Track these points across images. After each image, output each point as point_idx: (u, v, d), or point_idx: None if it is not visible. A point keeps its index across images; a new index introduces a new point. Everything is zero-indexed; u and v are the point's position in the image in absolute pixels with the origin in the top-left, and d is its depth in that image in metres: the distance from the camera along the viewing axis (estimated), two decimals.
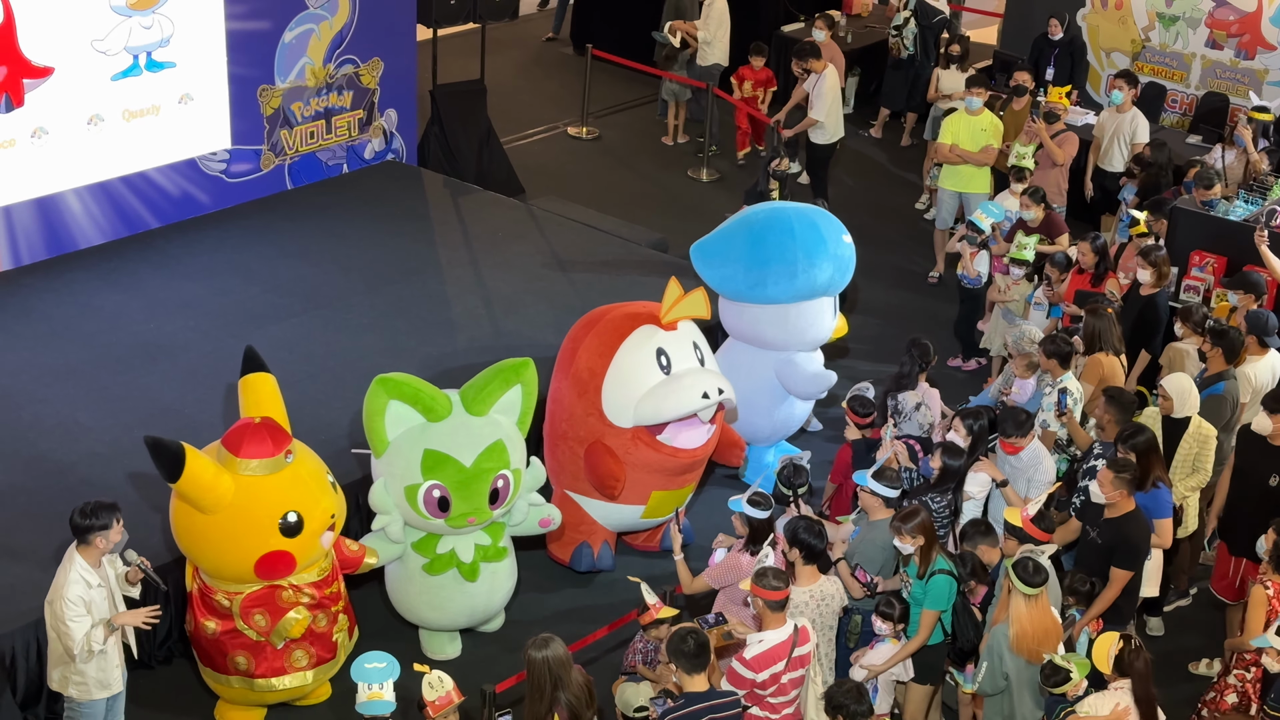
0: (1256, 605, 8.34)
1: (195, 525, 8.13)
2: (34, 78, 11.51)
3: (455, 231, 13.47)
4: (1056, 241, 12.51)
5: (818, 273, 10.53)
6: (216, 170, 13.15)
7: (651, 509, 9.93)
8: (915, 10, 16.99)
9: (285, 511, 8.07)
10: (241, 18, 12.81)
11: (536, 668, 7.22)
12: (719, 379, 9.71)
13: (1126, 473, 8.58)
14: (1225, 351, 10.10)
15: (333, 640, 8.56)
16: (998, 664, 7.85)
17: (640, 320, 9.75)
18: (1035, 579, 7.74)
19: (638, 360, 9.60)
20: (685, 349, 9.73)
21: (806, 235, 10.55)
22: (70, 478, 9.56)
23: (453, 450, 8.62)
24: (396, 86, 14.41)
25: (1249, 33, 16.47)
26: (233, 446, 8.10)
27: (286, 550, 8.11)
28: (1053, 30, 16.03)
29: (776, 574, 7.74)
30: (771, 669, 7.68)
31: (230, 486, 8.01)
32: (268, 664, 8.40)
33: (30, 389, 10.54)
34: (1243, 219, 11.85)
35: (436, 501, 8.65)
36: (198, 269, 12.28)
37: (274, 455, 8.10)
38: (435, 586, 9.02)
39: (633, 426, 9.58)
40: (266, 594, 8.26)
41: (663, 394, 9.51)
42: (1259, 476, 9.28)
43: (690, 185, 16.48)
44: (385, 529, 8.82)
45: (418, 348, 11.39)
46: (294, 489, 8.16)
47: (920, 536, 8.23)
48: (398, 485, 8.70)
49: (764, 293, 10.61)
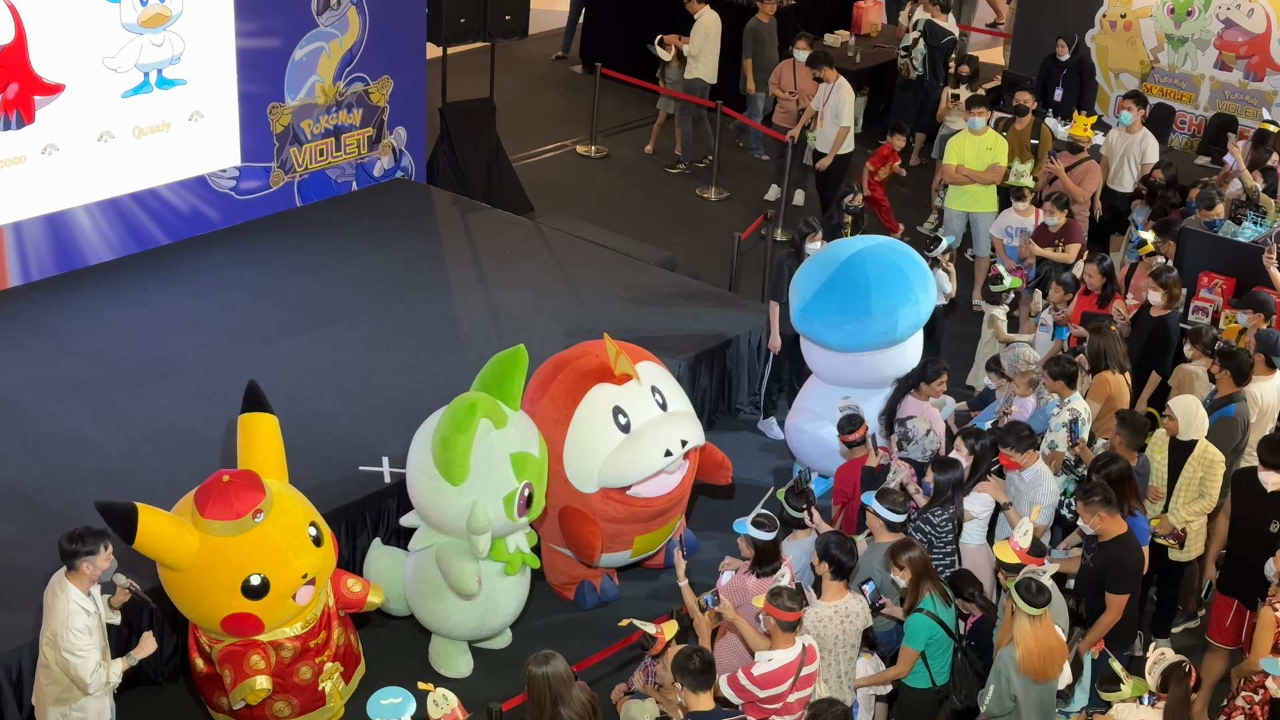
0: (1265, 627, 8.31)
1: (167, 577, 8.13)
2: (45, 94, 11.55)
3: (464, 249, 13.49)
4: (1067, 250, 12.60)
5: (914, 312, 10.45)
6: (226, 187, 13.19)
7: (639, 549, 9.87)
8: (924, 31, 17.02)
9: (248, 574, 7.93)
10: (252, 35, 12.85)
11: (537, 684, 7.22)
12: (683, 426, 9.49)
13: (1095, 495, 8.57)
14: (1234, 373, 10.08)
15: (319, 690, 8.47)
16: (1005, 686, 7.83)
17: (592, 379, 9.44)
18: (1038, 599, 7.72)
19: (594, 424, 9.34)
20: (643, 400, 9.45)
21: (915, 270, 10.52)
22: (78, 493, 9.56)
23: (527, 446, 8.79)
24: (406, 104, 14.45)
25: (1258, 54, 16.49)
26: (200, 504, 7.99)
27: (250, 612, 8.00)
28: (1060, 51, 16.05)
29: (791, 594, 7.71)
30: (776, 689, 7.66)
31: (193, 544, 7.90)
32: (249, 711, 8.35)
33: (39, 404, 10.56)
34: (1251, 240, 11.85)
35: (527, 500, 8.76)
36: (207, 285, 12.31)
37: (239, 517, 7.93)
38: (508, 585, 9.13)
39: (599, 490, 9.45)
40: (239, 650, 8.17)
41: (623, 458, 9.31)
42: (1259, 523, 9.08)
43: (699, 204, 16.49)
44: (483, 549, 8.73)
45: (426, 365, 11.40)
46: (260, 551, 7.99)
47: (908, 570, 8.19)
48: (495, 500, 8.66)
49: (874, 340, 10.41)
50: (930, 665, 8.25)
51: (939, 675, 8.29)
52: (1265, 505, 9.04)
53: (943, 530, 8.89)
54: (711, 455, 10.09)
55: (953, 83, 15.98)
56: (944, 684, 8.32)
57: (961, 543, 9.21)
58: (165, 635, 9.05)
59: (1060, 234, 12.66)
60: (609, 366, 9.41)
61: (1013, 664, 7.81)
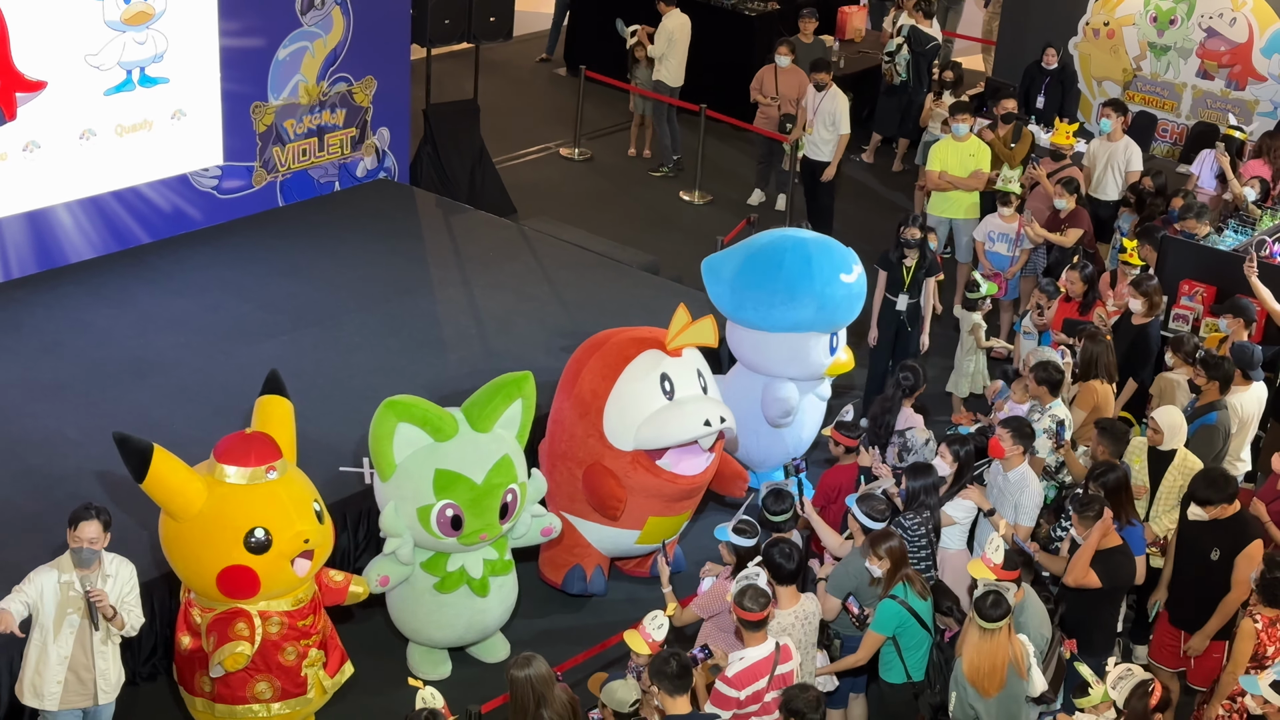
0: (1245, 638, 8.30)
1: (169, 530, 8.15)
2: (26, 91, 11.51)
3: (447, 251, 13.47)
4: (1068, 234, 12.75)
5: (797, 309, 10.47)
6: (208, 186, 13.15)
7: (647, 535, 9.91)
8: (908, 37, 17.05)
9: (253, 526, 7.97)
10: (236, 34, 12.82)
11: (519, 686, 7.23)
12: (721, 407, 9.70)
13: (1090, 510, 8.61)
14: (1221, 383, 10.13)
15: (301, 675, 8.42)
16: (964, 694, 7.85)
17: (645, 345, 9.74)
18: (992, 613, 7.71)
19: (641, 384, 9.59)
20: (689, 376, 9.73)
21: (795, 269, 10.51)
22: (57, 492, 9.52)
23: (463, 468, 8.65)
24: (390, 105, 14.43)
25: (1240, 64, 16.56)
26: (218, 451, 8.11)
27: (249, 567, 7.99)
28: (1048, 60, 16.09)
29: (755, 595, 7.70)
30: (753, 686, 7.66)
31: (200, 493, 7.96)
32: (230, 691, 8.30)
33: (19, 403, 10.52)
34: (1232, 249, 11.89)
35: (450, 520, 8.65)
36: (188, 285, 12.27)
37: (254, 467, 8.03)
38: (445, 604, 9.02)
39: (633, 450, 9.57)
40: (226, 618, 8.15)
41: (664, 419, 9.51)
42: (1200, 550, 8.95)
43: (683, 207, 16.51)
44: (396, 552, 8.77)
45: (408, 367, 11.38)
46: (267, 505, 8.06)
47: (887, 560, 8.21)
48: (409, 508, 8.68)
49: (743, 316, 10.65)
50: (905, 659, 8.25)
51: (914, 670, 8.28)
52: (1206, 533, 8.92)
53: (915, 534, 8.87)
54: (730, 464, 10.27)
55: (936, 89, 16.01)
56: (920, 680, 8.31)
57: (941, 547, 9.22)
58: (144, 635, 9.02)
59: (1066, 219, 12.83)
60: (662, 339, 9.67)
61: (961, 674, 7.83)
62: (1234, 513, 8.88)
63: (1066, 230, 12.97)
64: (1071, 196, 12.96)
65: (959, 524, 9.29)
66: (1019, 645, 7.88)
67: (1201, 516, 8.88)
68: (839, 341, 10.93)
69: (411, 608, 9.12)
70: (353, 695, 8.93)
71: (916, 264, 11.99)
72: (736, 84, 16.81)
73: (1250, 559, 8.75)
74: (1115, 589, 8.73)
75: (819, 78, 14.88)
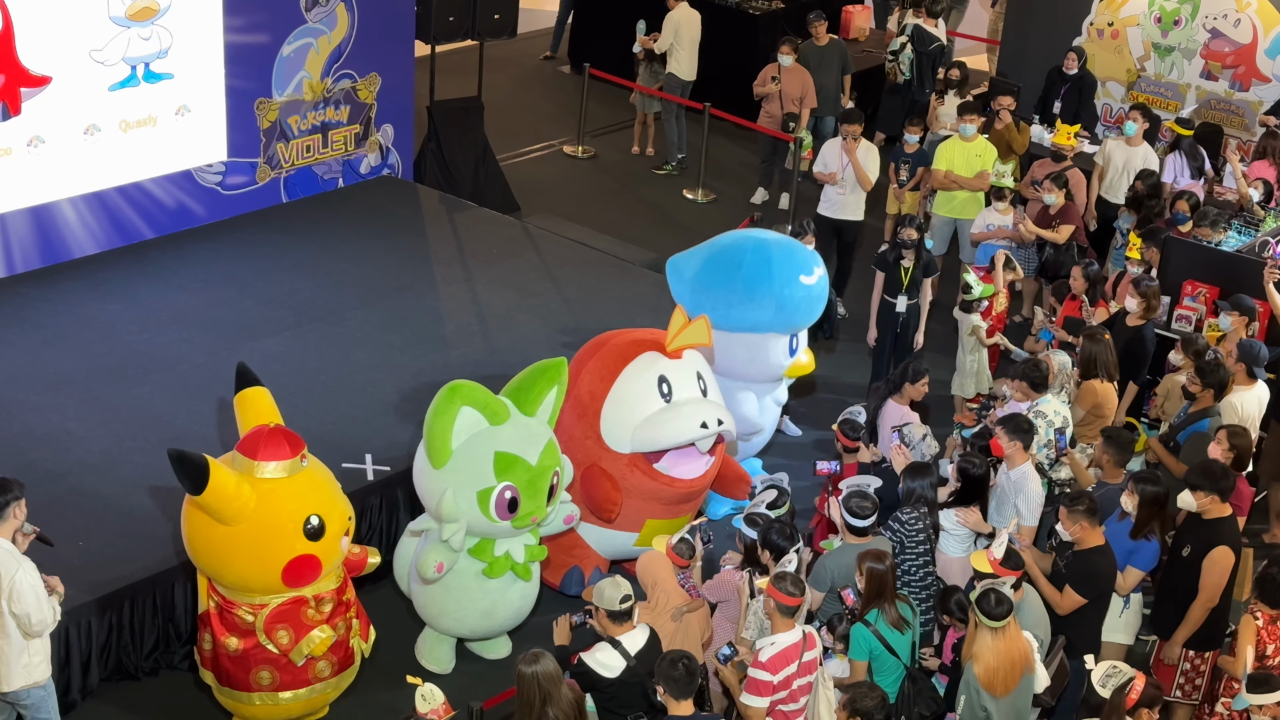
0: (1246, 634, 8.32)
1: (216, 539, 8.07)
2: (31, 86, 11.52)
3: (450, 248, 13.48)
4: (1060, 230, 12.75)
5: (756, 309, 10.42)
6: (212, 182, 13.16)
7: (645, 537, 9.85)
8: (912, 36, 17.05)
9: (308, 514, 8.06)
10: (240, 30, 12.83)
11: (526, 683, 7.23)
12: (720, 410, 9.67)
13: (1080, 504, 8.59)
14: (1216, 390, 10.12)
15: (349, 646, 8.56)
16: (975, 697, 7.84)
17: (645, 347, 9.74)
18: (997, 611, 7.71)
19: (639, 386, 9.59)
20: (688, 378, 9.71)
21: (754, 269, 10.44)
22: (60, 486, 9.54)
23: (520, 450, 8.72)
24: (394, 102, 14.43)
25: (1244, 65, 16.55)
26: (249, 452, 8.11)
27: (312, 554, 8.09)
28: (1068, 65, 16.02)
29: (795, 580, 7.80)
30: (785, 671, 7.72)
31: (252, 495, 7.99)
32: (293, 676, 8.35)
33: (22, 397, 10.53)
34: (1236, 249, 11.90)
35: (508, 503, 8.71)
36: (192, 281, 12.28)
37: (291, 458, 8.12)
38: (492, 591, 9.06)
39: (630, 453, 9.56)
40: (290, 609, 8.21)
41: (661, 421, 9.49)
42: (1175, 546, 8.97)
43: (686, 205, 16.51)
44: (450, 538, 8.75)
45: (410, 363, 11.39)
46: (314, 492, 8.18)
47: (864, 579, 8.16)
48: (469, 491, 8.68)
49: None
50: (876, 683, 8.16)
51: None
52: (1185, 528, 8.91)
53: (912, 529, 8.88)
54: (732, 467, 10.24)
55: (940, 88, 16.01)
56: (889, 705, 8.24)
57: (940, 550, 9.22)
58: (146, 630, 9.05)
59: (1058, 215, 12.82)
60: (661, 342, 9.65)
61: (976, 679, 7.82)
62: (1220, 514, 8.78)
63: (1059, 227, 12.98)
64: (1061, 192, 12.94)
65: (951, 534, 9.27)
66: (1025, 641, 7.89)
67: (1190, 505, 8.79)
68: (799, 343, 10.85)
69: (456, 596, 9.08)
70: (359, 691, 8.94)
71: (914, 265, 11.97)
72: (740, 83, 16.81)
73: (1215, 564, 8.65)
74: (1100, 594, 8.70)
75: (850, 129, 13.53)
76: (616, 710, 7.71)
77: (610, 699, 7.69)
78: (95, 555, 9.01)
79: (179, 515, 9.35)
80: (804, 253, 10.74)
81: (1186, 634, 8.83)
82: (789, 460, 11.61)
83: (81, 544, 9.09)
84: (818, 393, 12.90)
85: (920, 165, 14.50)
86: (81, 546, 9.07)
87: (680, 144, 17.20)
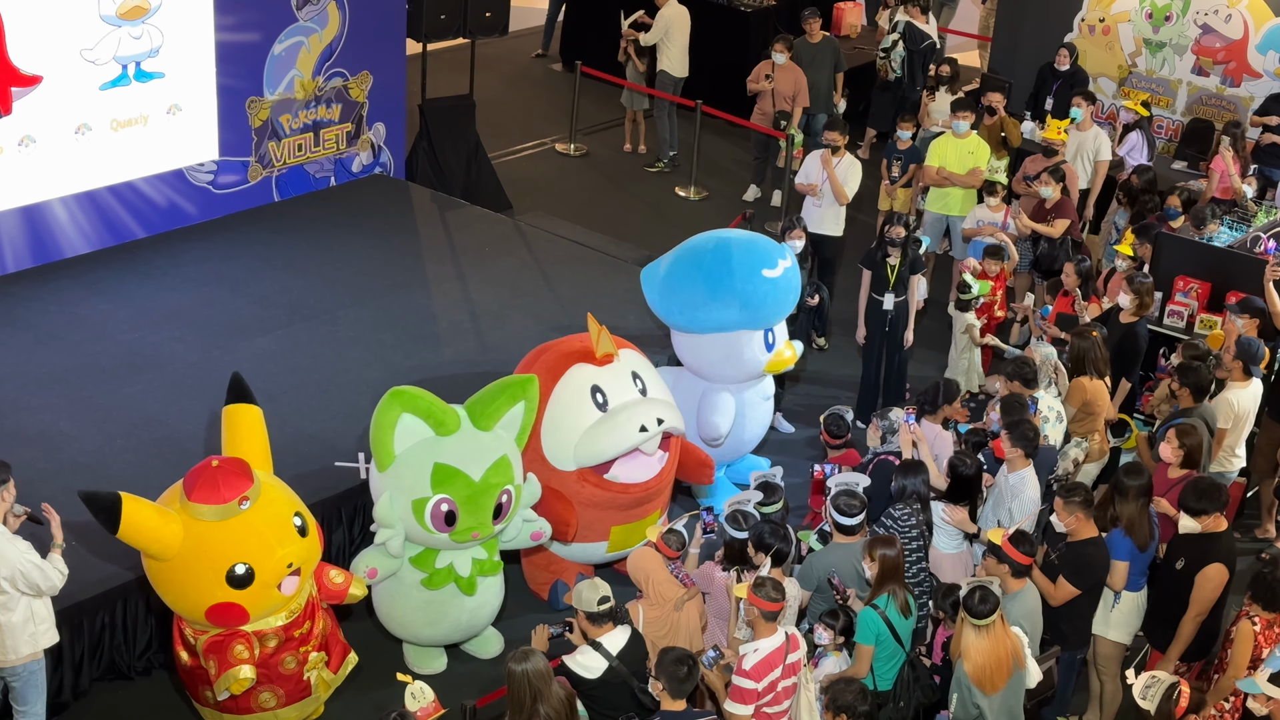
0: (1243, 640, 8.24)
1: (151, 568, 8.08)
2: (22, 86, 11.50)
3: (442, 246, 13.47)
4: (1055, 225, 12.78)
5: (721, 308, 10.26)
6: (204, 181, 13.14)
7: (615, 543, 9.81)
8: (903, 33, 17.06)
9: (233, 563, 7.87)
10: (231, 29, 12.81)
11: (516, 681, 7.23)
12: (659, 408, 9.50)
13: (1076, 496, 8.58)
14: (1194, 390, 10.11)
15: (304, 679, 8.44)
16: (967, 695, 7.86)
17: (573, 359, 9.55)
18: (980, 609, 7.71)
19: (572, 401, 9.42)
20: (623, 382, 9.54)
21: (714, 268, 10.29)
22: (52, 486, 9.49)
23: (462, 465, 8.60)
24: (385, 100, 14.42)
25: (1235, 60, 16.56)
26: (187, 488, 7.96)
27: (235, 602, 7.94)
28: (1059, 61, 16.06)
29: (775, 585, 7.79)
30: (769, 676, 7.73)
31: (177, 533, 7.85)
32: (234, 702, 8.32)
33: (14, 397, 10.51)
34: (1227, 245, 11.91)
35: (444, 516, 8.61)
36: (184, 280, 12.27)
37: (225, 502, 7.88)
38: (433, 601, 9.00)
39: (576, 469, 9.45)
40: (222, 641, 8.12)
41: (599, 433, 9.34)
42: (1169, 560, 8.86)
43: (678, 203, 16.51)
44: (387, 543, 8.73)
45: (403, 361, 11.38)
46: (245, 539, 7.94)
47: (877, 566, 8.18)
48: (404, 499, 8.63)
49: (674, 320, 10.54)
50: (875, 669, 8.19)
51: (882, 681, 8.22)
52: (1181, 543, 8.80)
53: (904, 524, 8.91)
54: (693, 454, 10.11)
55: (932, 85, 16.02)
56: (885, 690, 8.24)
57: (934, 546, 9.23)
58: (139, 629, 9.04)
59: (1053, 209, 12.86)
60: (591, 349, 9.47)
61: (966, 676, 7.82)
62: (1216, 529, 8.70)
63: (1054, 221, 13.01)
64: (1058, 186, 12.99)
65: (941, 529, 9.28)
66: (1014, 637, 7.89)
67: (1194, 528, 8.68)
68: (776, 337, 10.68)
69: (399, 603, 9.10)
70: (351, 691, 8.94)
71: (900, 262, 11.94)
72: (732, 80, 16.82)
73: (1208, 579, 8.58)
74: (1092, 586, 8.71)
75: (833, 138, 13.21)
76: (603, 711, 7.71)
77: (595, 700, 7.69)
78: (88, 555, 8.99)
79: None
80: (766, 247, 10.51)
81: (1180, 650, 8.75)
82: (781, 457, 11.61)
83: (73, 543, 9.06)
84: (810, 390, 12.90)
85: (912, 162, 14.51)
86: (73, 546, 9.05)
87: (672, 141, 17.20)
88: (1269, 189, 14.06)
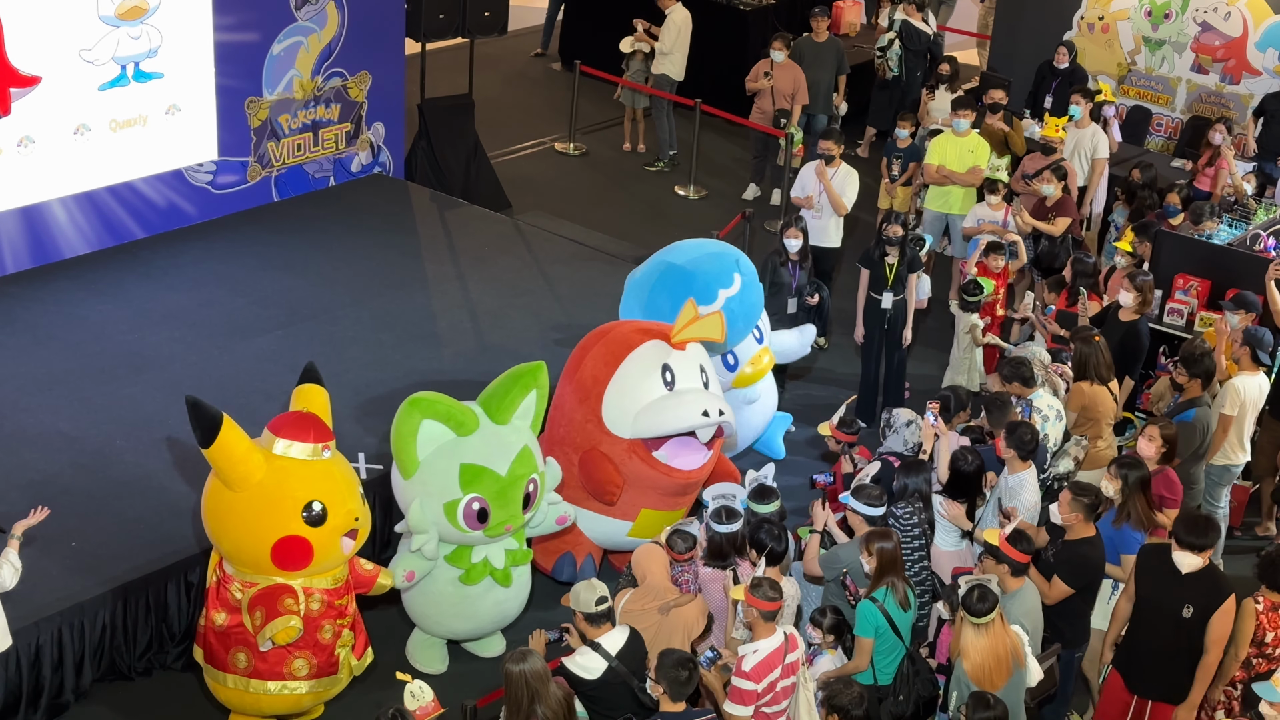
0: (1246, 617, 8.23)
1: (223, 502, 8.17)
2: (21, 87, 11.49)
3: (441, 245, 13.47)
4: (1056, 223, 12.77)
5: None
6: (203, 181, 13.14)
7: (639, 528, 9.88)
8: (900, 32, 17.06)
9: (311, 499, 8.09)
10: (230, 29, 12.81)
11: (514, 681, 7.24)
12: (721, 401, 9.66)
13: (1085, 496, 8.56)
14: (1203, 378, 10.12)
15: (334, 654, 8.49)
16: (966, 693, 7.85)
17: (650, 336, 9.76)
18: (978, 607, 7.71)
19: (642, 372, 9.60)
20: (691, 370, 9.70)
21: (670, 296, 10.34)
22: (52, 487, 9.52)
23: (488, 461, 8.69)
24: (384, 100, 14.42)
25: (1235, 58, 16.57)
26: (275, 428, 8.21)
27: (305, 538, 8.09)
28: (1058, 59, 16.06)
29: (772, 584, 7.79)
30: (769, 677, 7.73)
31: (260, 465, 8.05)
32: (268, 666, 8.33)
33: (13, 398, 10.50)
34: (1227, 243, 11.91)
35: (476, 514, 8.69)
36: (183, 280, 12.26)
37: (312, 443, 8.17)
38: (471, 596, 9.06)
39: (631, 438, 9.56)
40: (273, 592, 8.20)
41: (663, 407, 9.49)
42: (1169, 608, 8.21)
43: (678, 202, 16.50)
44: (422, 548, 8.78)
45: (402, 361, 11.38)
46: (324, 480, 8.19)
47: (875, 560, 8.19)
48: (435, 503, 8.69)
49: None
50: (875, 663, 8.21)
51: (882, 675, 8.24)
52: (1177, 586, 8.19)
53: (907, 524, 8.92)
54: (726, 466, 10.26)
55: (932, 83, 16.01)
56: (886, 685, 8.25)
57: (936, 544, 9.23)
58: (139, 629, 9.03)
59: (1054, 207, 12.85)
60: (669, 335, 9.66)
61: (966, 675, 7.82)
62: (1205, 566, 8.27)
63: (1055, 219, 12.99)
64: (1059, 184, 12.99)
65: (944, 527, 9.28)
66: (1013, 635, 7.89)
67: (1196, 565, 8.16)
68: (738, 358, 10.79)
69: (435, 601, 9.11)
70: (352, 690, 8.93)
71: (899, 261, 11.94)
72: (731, 79, 16.82)
73: (1227, 615, 8.17)
74: (1088, 585, 8.69)
75: (827, 148, 13.10)
76: (603, 712, 7.70)
77: (595, 701, 7.69)
78: (87, 556, 8.99)
79: (172, 515, 9.37)
80: (721, 263, 10.58)
81: (1201, 694, 8.34)
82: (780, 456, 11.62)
83: (74, 544, 9.08)
84: (810, 390, 12.90)
85: (912, 160, 14.51)
86: (74, 547, 9.06)
87: (671, 140, 17.20)
88: (1268, 186, 14.06)
